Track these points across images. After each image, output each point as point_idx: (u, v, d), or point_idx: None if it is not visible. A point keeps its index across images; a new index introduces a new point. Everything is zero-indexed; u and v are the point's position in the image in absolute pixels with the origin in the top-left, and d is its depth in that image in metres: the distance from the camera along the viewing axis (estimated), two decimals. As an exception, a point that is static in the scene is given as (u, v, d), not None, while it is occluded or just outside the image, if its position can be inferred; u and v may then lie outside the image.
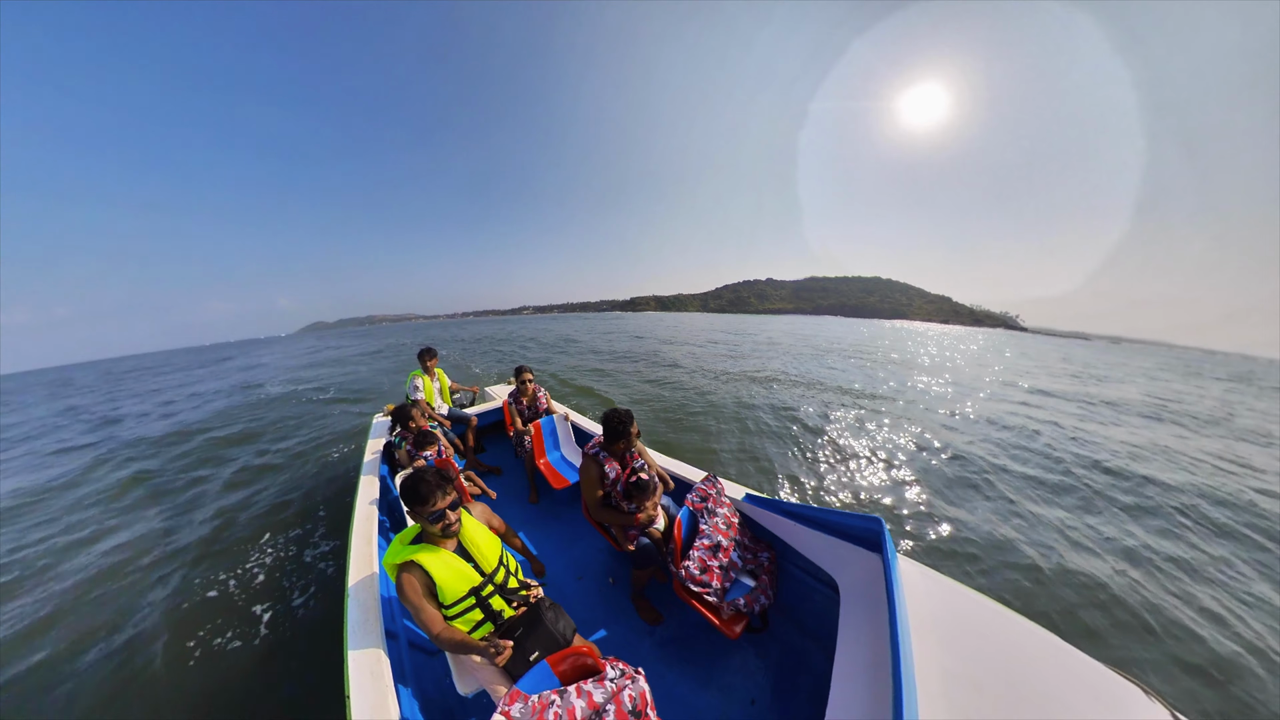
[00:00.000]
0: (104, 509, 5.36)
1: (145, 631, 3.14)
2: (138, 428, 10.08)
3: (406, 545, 1.71)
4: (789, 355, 18.25)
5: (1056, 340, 64.41)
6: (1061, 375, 16.88)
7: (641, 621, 2.42)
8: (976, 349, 30.70)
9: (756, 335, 19.35)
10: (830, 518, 2.05)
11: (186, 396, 14.51)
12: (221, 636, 3.03)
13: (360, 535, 2.51)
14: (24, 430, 11.43)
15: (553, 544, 3.23)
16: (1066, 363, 23.24)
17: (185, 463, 6.94)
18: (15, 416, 14.32)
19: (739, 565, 2.19)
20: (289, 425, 8.83)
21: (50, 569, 4.09)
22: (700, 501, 2.33)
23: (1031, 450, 6.68)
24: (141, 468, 6.84)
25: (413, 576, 1.62)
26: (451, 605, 1.66)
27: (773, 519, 2.32)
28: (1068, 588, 3.38)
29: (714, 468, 5.23)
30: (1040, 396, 11.64)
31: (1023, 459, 6.28)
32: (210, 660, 2.86)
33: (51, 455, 8.33)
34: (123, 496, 5.74)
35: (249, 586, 3.57)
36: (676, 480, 2.83)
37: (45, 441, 9.74)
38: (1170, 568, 3.75)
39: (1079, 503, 4.99)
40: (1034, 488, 5.30)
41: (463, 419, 4.67)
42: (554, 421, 4.11)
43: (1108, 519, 4.61)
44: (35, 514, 5.41)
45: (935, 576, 1.71)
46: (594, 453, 2.50)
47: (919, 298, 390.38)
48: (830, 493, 5.02)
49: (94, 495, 5.87)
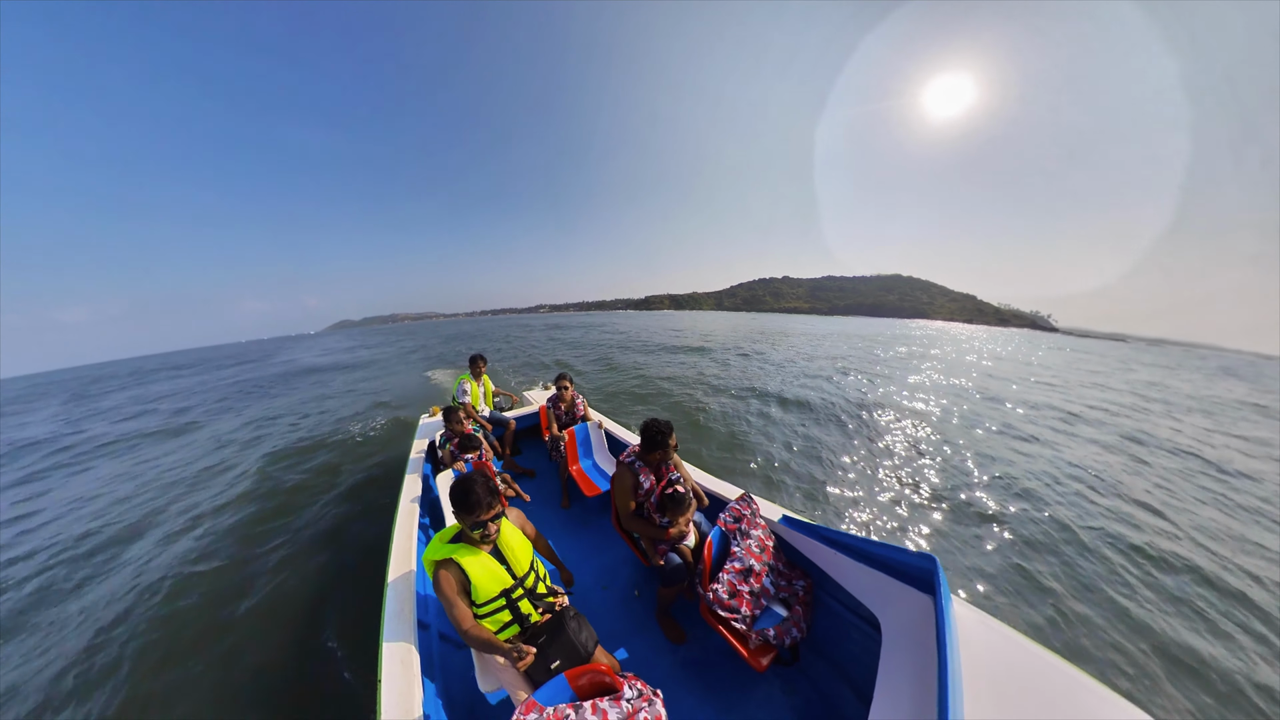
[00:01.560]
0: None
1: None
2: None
3: (446, 543, 1.81)
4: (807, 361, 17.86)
5: (1088, 342, 60.29)
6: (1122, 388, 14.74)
7: (664, 639, 2.37)
8: (1008, 350, 29.40)
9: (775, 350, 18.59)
10: (877, 550, 1.87)
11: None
12: (286, 571, 3.99)
13: (402, 531, 2.67)
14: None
15: (581, 551, 3.26)
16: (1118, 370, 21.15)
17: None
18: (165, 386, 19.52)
19: (771, 592, 2.11)
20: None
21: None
22: (733, 521, 2.26)
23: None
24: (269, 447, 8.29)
25: (449, 574, 1.72)
26: (482, 605, 1.75)
27: (811, 545, 2.20)
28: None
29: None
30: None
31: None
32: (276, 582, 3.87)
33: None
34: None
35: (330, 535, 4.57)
36: (710, 497, 2.77)
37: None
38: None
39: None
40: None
41: (502, 422, 4.90)
42: (588, 429, 4.16)
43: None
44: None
45: (996, 626, 1.52)
46: (629, 461, 2.47)
47: (941, 296, 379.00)
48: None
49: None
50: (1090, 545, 4.29)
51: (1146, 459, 7.06)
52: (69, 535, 5.24)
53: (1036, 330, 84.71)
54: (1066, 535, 4.45)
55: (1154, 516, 5.00)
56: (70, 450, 9.96)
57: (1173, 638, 3.17)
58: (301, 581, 3.81)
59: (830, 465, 6.16)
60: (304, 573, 3.94)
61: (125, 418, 13.97)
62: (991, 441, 7.42)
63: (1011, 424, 8.63)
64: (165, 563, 4.30)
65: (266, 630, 3.31)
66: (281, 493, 5.71)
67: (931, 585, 1.61)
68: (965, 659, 1.36)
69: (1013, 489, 5.46)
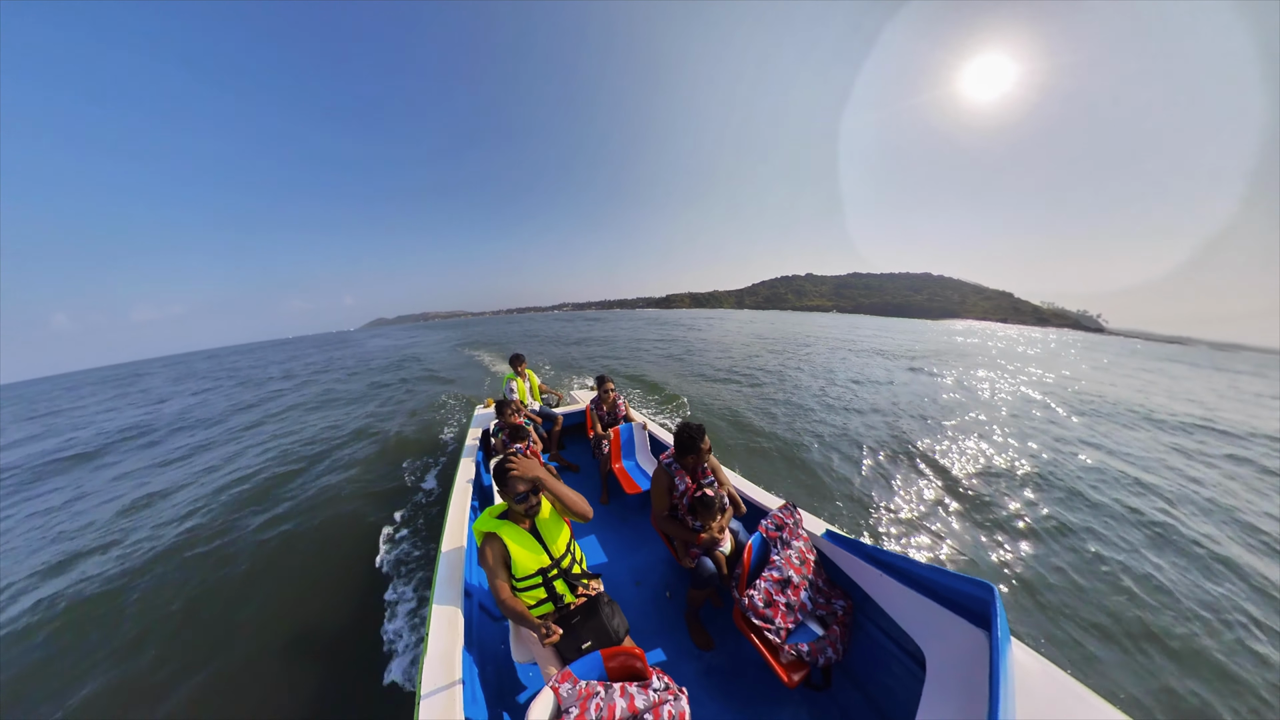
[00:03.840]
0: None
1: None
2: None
3: (494, 518, 1.96)
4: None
5: (1136, 344, 49.78)
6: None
7: (691, 643, 2.37)
8: (1039, 352, 25.53)
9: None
10: (927, 574, 1.70)
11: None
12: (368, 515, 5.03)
13: (455, 508, 2.91)
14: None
15: (617, 546, 3.35)
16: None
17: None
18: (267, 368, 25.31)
19: (808, 608, 2.04)
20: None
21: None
22: (775, 529, 2.21)
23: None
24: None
25: (492, 547, 1.86)
26: (520, 580, 1.87)
27: (854, 564, 2.08)
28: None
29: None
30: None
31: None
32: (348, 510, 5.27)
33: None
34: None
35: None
36: (750, 505, 2.74)
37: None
38: None
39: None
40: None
41: (551, 417, 5.17)
42: (632, 429, 4.28)
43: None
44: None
45: (1058, 675, 1.33)
46: (667, 463, 2.53)
47: (974, 294, 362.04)
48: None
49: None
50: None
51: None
52: (349, 429, 8.92)
53: (1079, 331, 76.13)
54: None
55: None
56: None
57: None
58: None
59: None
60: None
61: (316, 379, 18.54)
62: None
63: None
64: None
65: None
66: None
67: (986, 619, 1.39)
68: (1021, 709, 1.19)
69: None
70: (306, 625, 3.36)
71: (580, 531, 3.54)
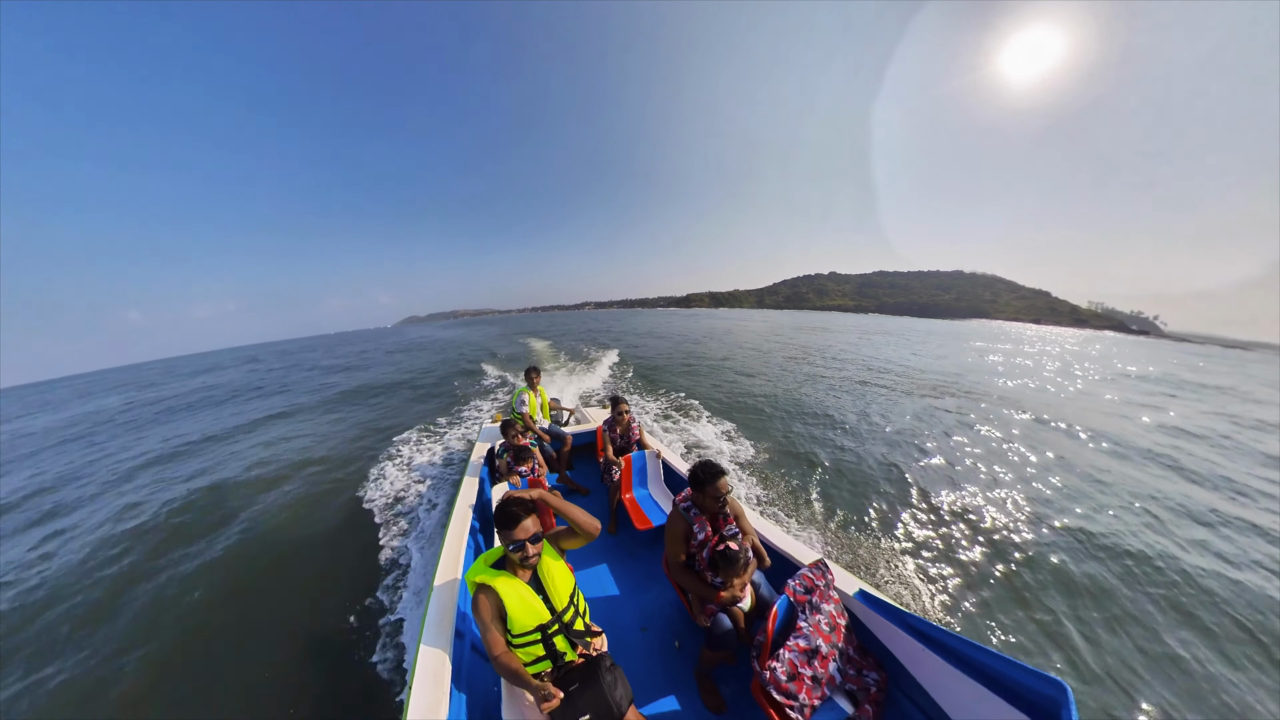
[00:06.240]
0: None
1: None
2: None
3: (488, 567, 1.83)
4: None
5: (1195, 349, 39.56)
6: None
7: (701, 703, 2.21)
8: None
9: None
10: (981, 657, 1.51)
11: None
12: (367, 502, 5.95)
13: (454, 535, 2.79)
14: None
15: (624, 584, 3.14)
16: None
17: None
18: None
19: (836, 680, 1.88)
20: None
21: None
22: (803, 592, 2.04)
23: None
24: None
25: (487, 599, 1.74)
26: (517, 636, 1.74)
27: (891, 632, 1.90)
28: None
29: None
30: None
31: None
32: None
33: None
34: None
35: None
36: (776, 557, 2.57)
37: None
38: None
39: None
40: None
41: (560, 436, 5.02)
42: (645, 457, 4.03)
43: None
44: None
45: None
46: (685, 507, 2.33)
47: (1008, 292, 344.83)
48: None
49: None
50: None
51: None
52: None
53: (1124, 334, 70.03)
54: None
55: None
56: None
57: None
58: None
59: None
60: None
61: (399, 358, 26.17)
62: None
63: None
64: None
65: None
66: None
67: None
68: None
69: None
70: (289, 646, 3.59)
71: (586, 561, 3.38)
